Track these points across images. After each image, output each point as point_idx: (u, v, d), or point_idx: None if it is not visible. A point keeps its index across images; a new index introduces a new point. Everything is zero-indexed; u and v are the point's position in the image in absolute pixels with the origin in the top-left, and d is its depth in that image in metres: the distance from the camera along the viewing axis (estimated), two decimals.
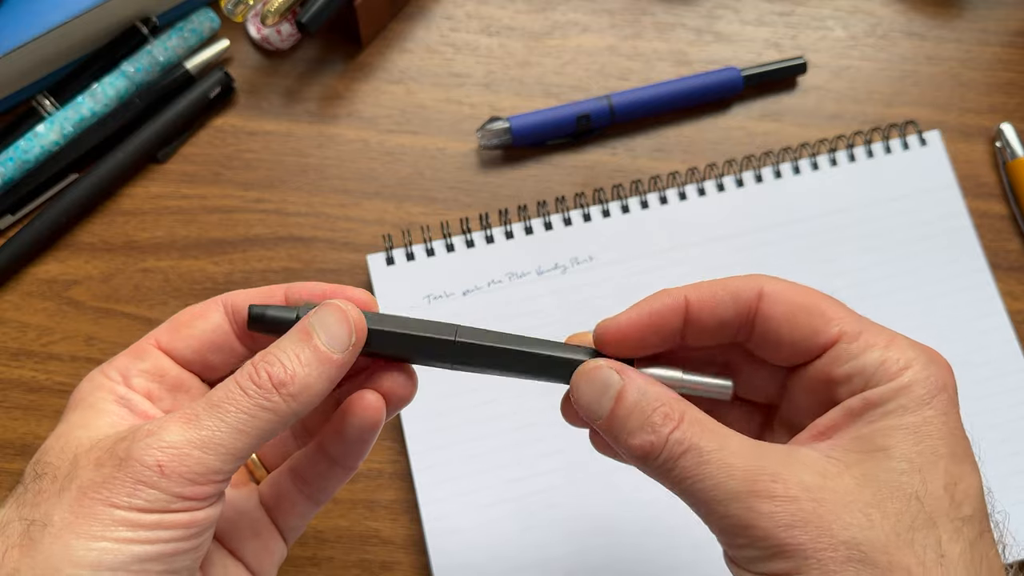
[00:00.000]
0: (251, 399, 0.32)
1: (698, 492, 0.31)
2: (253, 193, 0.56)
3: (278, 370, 0.32)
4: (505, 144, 0.57)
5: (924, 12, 0.61)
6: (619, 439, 0.33)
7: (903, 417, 0.31)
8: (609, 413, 0.33)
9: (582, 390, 0.34)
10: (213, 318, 0.36)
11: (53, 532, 0.30)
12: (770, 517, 0.30)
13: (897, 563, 0.29)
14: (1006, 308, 0.54)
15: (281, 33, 0.58)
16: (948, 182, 0.57)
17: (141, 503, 0.30)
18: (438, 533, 0.49)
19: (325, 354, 0.33)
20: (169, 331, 0.36)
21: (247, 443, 0.32)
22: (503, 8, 0.60)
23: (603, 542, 0.49)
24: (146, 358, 0.36)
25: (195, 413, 0.31)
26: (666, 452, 0.32)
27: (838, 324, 0.33)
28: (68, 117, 0.55)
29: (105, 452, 0.31)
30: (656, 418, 0.32)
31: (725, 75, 0.58)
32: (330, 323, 0.33)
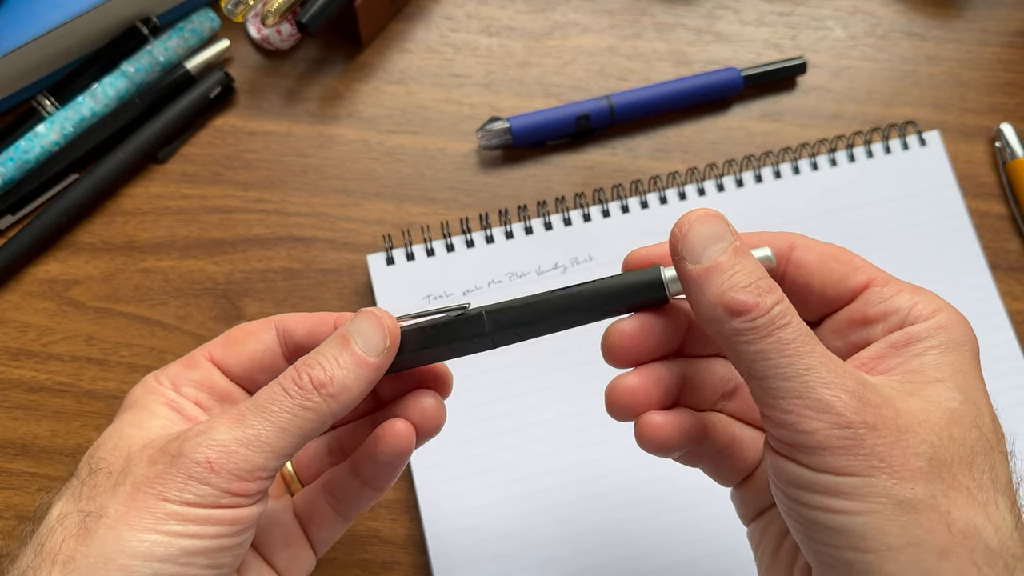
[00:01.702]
0: (293, 400, 0.33)
1: (785, 366, 0.31)
2: (253, 193, 0.56)
3: (318, 372, 0.34)
4: (505, 144, 0.57)
5: (924, 12, 0.61)
6: (713, 289, 0.32)
7: (947, 354, 0.32)
8: (715, 261, 0.32)
9: (696, 228, 0.32)
10: (264, 339, 0.38)
11: (108, 523, 0.31)
12: (855, 410, 0.30)
13: (959, 482, 0.30)
14: (1006, 308, 0.54)
15: (281, 33, 0.58)
16: (948, 182, 0.57)
17: (191, 498, 0.32)
18: (438, 533, 0.49)
19: (362, 358, 0.35)
20: (223, 346, 0.38)
21: (290, 442, 0.33)
22: (503, 8, 0.60)
23: (603, 542, 0.49)
24: (198, 368, 0.38)
25: (241, 414, 0.33)
26: (768, 317, 0.31)
27: (867, 272, 0.35)
28: (68, 117, 0.55)
29: (158, 450, 0.33)
30: (763, 284, 0.32)
31: (725, 75, 0.58)
32: (365, 328, 0.35)
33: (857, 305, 0.35)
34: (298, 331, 0.38)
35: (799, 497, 0.31)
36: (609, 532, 0.49)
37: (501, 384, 0.52)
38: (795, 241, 0.36)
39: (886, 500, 0.29)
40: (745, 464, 0.38)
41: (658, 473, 0.49)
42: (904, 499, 0.29)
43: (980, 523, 0.30)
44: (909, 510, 0.29)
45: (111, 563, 0.31)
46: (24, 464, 0.51)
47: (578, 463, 0.50)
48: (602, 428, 0.51)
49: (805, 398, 0.30)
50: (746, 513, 0.39)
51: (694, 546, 0.49)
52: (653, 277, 0.35)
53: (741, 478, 0.39)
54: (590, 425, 0.51)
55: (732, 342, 0.32)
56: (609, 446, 0.50)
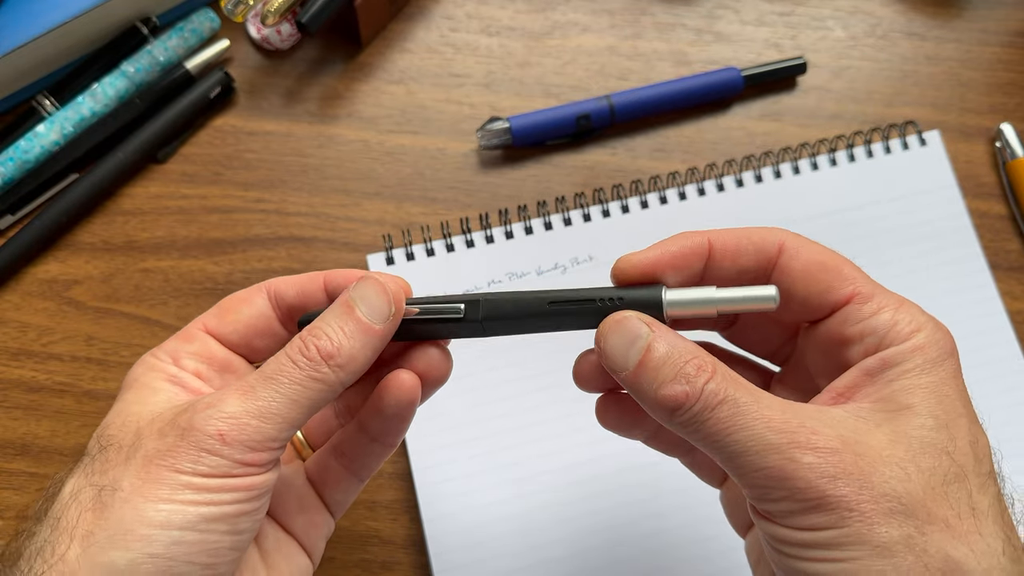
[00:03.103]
0: (302, 371, 0.33)
1: (733, 444, 0.31)
2: (253, 193, 0.56)
3: (325, 343, 0.34)
4: (505, 144, 0.57)
5: (924, 12, 0.61)
6: (647, 391, 0.32)
7: (922, 376, 0.32)
8: (637, 364, 0.32)
9: (609, 340, 0.33)
10: (257, 304, 0.38)
11: (123, 496, 0.31)
12: (812, 468, 0.30)
13: (935, 515, 0.30)
14: (1006, 308, 0.54)
15: (281, 33, 0.58)
16: (948, 182, 0.57)
17: (204, 468, 0.32)
18: (438, 533, 0.49)
19: (367, 325, 0.35)
20: (216, 316, 0.38)
21: (300, 412, 0.33)
22: (503, 8, 0.60)
23: (603, 542, 0.49)
24: (194, 341, 0.38)
25: (251, 385, 0.33)
26: (700, 403, 0.31)
27: (852, 284, 0.34)
28: (68, 117, 0.55)
29: (167, 423, 0.33)
30: (689, 369, 0.31)
31: (725, 75, 0.58)
32: (370, 296, 0.35)
33: (836, 321, 0.34)
34: (288, 292, 0.38)
35: (783, 550, 0.31)
36: (609, 532, 0.49)
37: (501, 384, 0.52)
38: (785, 242, 0.35)
39: (863, 547, 0.29)
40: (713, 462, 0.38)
41: (659, 473, 0.49)
42: (880, 543, 0.29)
43: (960, 556, 0.29)
44: (885, 554, 0.29)
45: (130, 534, 0.31)
46: (24, 464, 0.51)
47: (578, 463, 0.50)
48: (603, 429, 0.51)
49: (761, 470, 0.30)
50: (737, 522, 0.39)
51: (694, 546, 0.49)
52: (654, 298, 0.34)
53: (721, 475, 0.39)
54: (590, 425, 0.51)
55: (684, 433, 0.32)
56: (609, 446, 0.50)
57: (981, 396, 0.52)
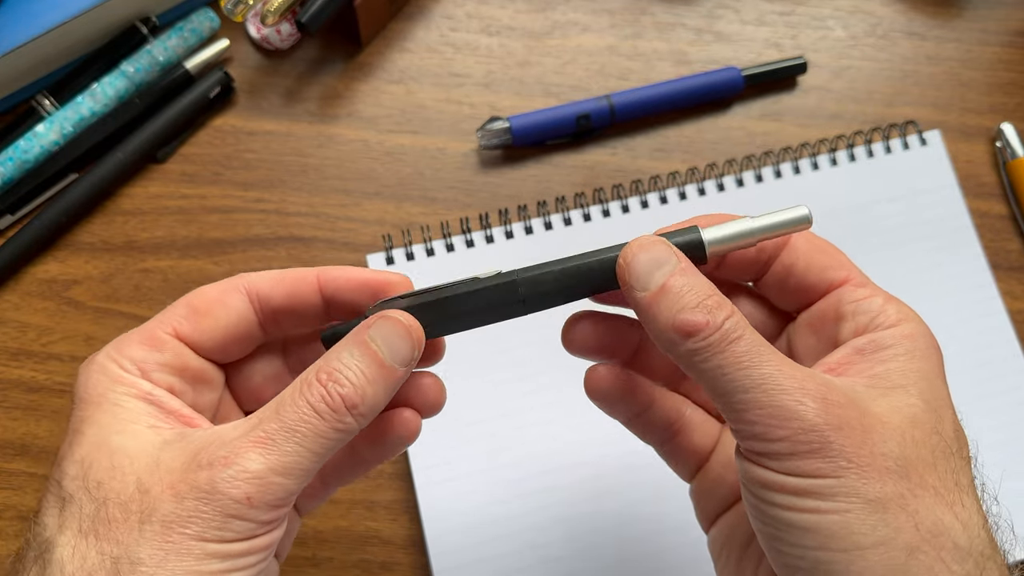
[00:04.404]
0: (326, 423, 0.32)
1: (745, 378, 0.31)
2: (253, 193, 0.56)
3: (349, 391, 0.32)
4: (505, 144, 0.57)
5: (924, 12, 0.61)
6: (664, 314, 0.32)
7: (912, 362, 0.33)
8: (660, 287, 0.32)
9: (638, 257, 0.33)
10: (236, 307, 0.35)
11: (146, 571, 0.29)
12: (818, 413, 0.30)
13: (926, 482, 0.30)
14: (1006, 308, 0.54)
15: (281, 33, 0.58)
16: (948, 182, 0.57)
17: (231, 535, 0.30)
18: (438, 533, 0.49)
19: (391, 369, 0.33)
20: (189, 320, 0.35)
21: (319, 463, 0.32)
22: (503, 8, 0.60)
23: (604, 542, 0.49)
24: (164, 349, 0.35)
25: (270, 437, 0.31)
26: (720, 334, 0.31)
27: (847, 270, 0.35)
28: (68, 117, 0.55)
29: (181, 480, 0.30)
30: (711, 303, 0.32)
31: (725, 75, 0.58)
32: (392, 338, 0.33)
33: (831, 300, 0.35)
34: (274, 295, 0.36)
35: (770, 499, 0.31)
36: (610, 532, 0.49)
37: (501, 384, 0.52)
38: None
39: (856, 499, 0.30)
40: (694, 448, 0.39)
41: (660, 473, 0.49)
42: (874, 498, 0.30)
43: (948, 521, 0.30)
44: (878, 508, 0.29)
45: None
46: (24, 464, 0.51)
47: (578, 463, 0.50)
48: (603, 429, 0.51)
49: (768, 407, 0.30)
50: (704, 514, 0.39)
51: (694, 546, 0.49)
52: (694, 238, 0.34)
53: (695, 466, 0.39)
54: (590, 425, 0.51)
55: (690, 363, 0.32)
56: (610, 447, 0.50)
57: (981, 396, 0.52)
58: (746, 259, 0.36)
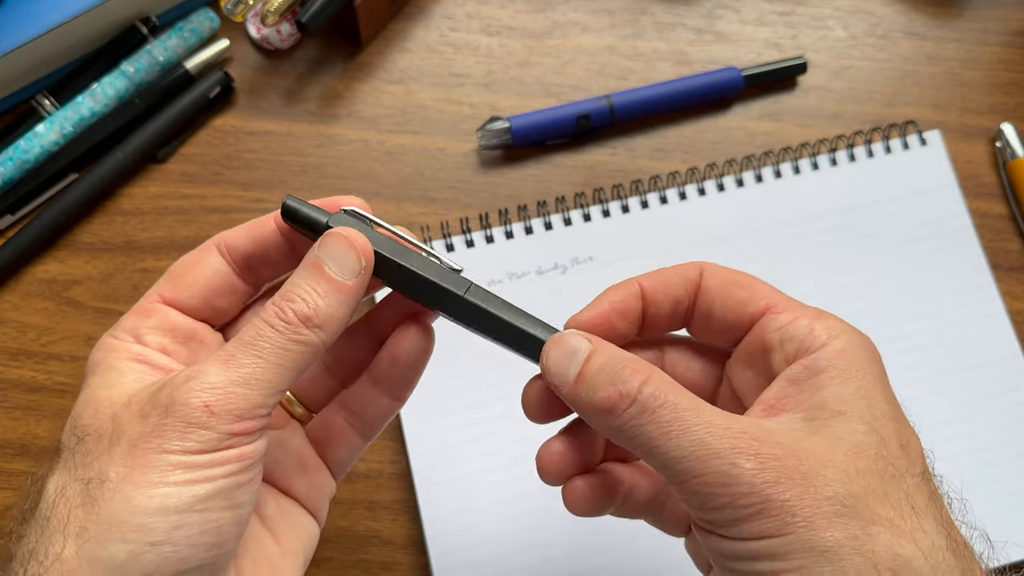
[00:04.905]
0: (282, 335, 0.33)
1: (674, 449, 0.30)
2: (253, 193, 0.56)
3: (300, 306, 0.33)
4: (505, 144, 0.57)
5: (924, 12, 0.61)
6: (584, 398, 0.32)
7: (848, 383, 0.32)
8: (576, 376, 0.33)
9: (551, 356, 0.34)
10: (211, 263, 0.37)
11: (112, 487, 0.30)
12: (755, 473, 0.29)
13: (879, 515, 0.30)
14: (1006, 308, 0.54)
15: (281, 33, 0.58)
16: (948, 182, 0.57)
17: (193, 445, 0.31)
18: (438, 533, 0.49)
19: (340, 283, 0.34)
20: (169, 284, 0.37)
21: (285, 376, 0.33)
22: (503, 8, 0.60)
23: (604, 542, 0.49)
24: (153, 315, 0.36)
25: (230, 354, 0.32)
26: (638, 405, 0.31)
27: (766, 299, 0.35)
28: (68, 117, 0.55)
29: (146, 403, 0.32)
30: (626, 373, 0.32)
31: (725, 75, 0.58)
32: (337, 253, 0.34)
33: (756, 332, 0.35)
34: (240, 242, 0.37)
35: (729, 566, 0.31)
36: (610, 532, 0.49)
37: (501, 384, 0.52)
38: (704, 267, 0.36)
39: (809, 553, 0.29)
40: (680, 513, 0.39)
41: None
42: (825, 548, 0.29)
43: (908, 553, 0.29)
44: (833, 558, 0.29)
45: (125, 525, 0.30)
46: (24, 464, 0.51)
47: None
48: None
49: (703, 475, 0.30)
50: (702, 566, 0.39)
51: None
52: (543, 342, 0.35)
53: (685, 527, 0.39)
54: None
55: (623, 439, 0.32)
56: None
57: (981, 396, 0.52)
58: (662, 315, 0.36)
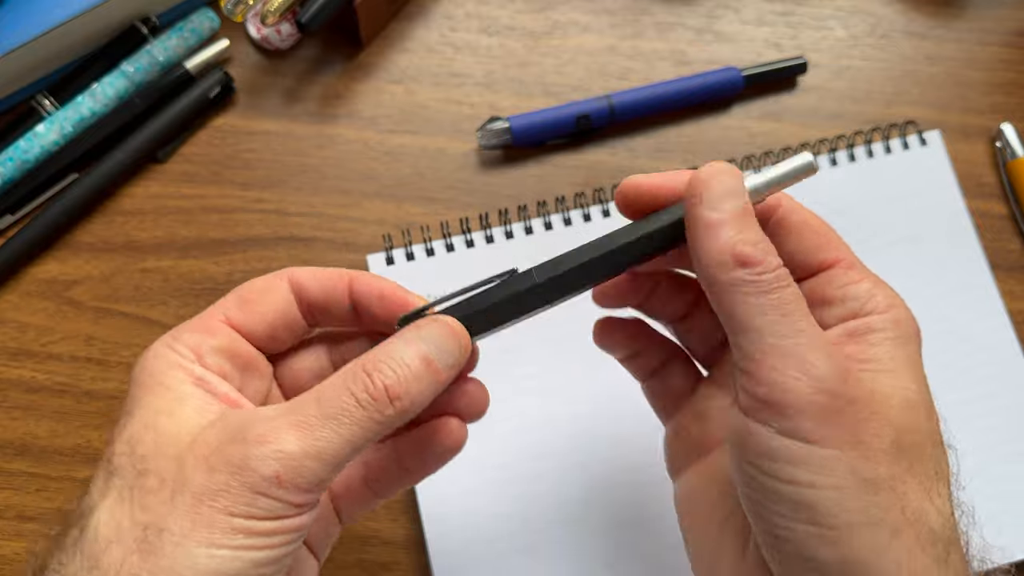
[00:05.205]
0: (365, 411, 0.32)
1: (781, 324, 0.31)
2: (253, 193, 0.56)
3: (393, 381, 0.32)
4: (505, 144, 0.57)
5: (924, 12, 0.61)
6: (725, 238, 0.32)
7: (902, 347, 0.33)
8: (731, 212, 0.33)
9: (718, 179, 0.33)
10: (282, 294, 0.36)
11: (173, 540, 0.30)
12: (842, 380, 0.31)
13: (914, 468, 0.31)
14: (1006, 308, 0.54)
15: (281, 33, 0.58)
16: (948, 182, 0.57)
17: (259, 512, 0.30)
18: (438, 533, 0.49)
19: (436, 368, 0.33)
20: (239, 307, 0.36)
21: (353, 453, 0.32)
22: (503, 8, 0.60)
23: (605, 543, 0.49)
24: (217, 335, 0.35)
25: (308, 422, 0.31)
26: (773, 275, 0.32)
27: (838, 251, 0.35)
28: (68, 117, 0.55)
29: (214, 453, 0.31)
30: (769, 247, 0.32)
31: (725, 75, 0.58)
32: (439, 338, 0.34)
33: (819, 282, 0.35)
34: (312, 287, 0.37)
35: (762, 466, 0.31)
36: (611, 533, 0.49)
37: (500, 383, 0.52)
38: (783, 200, 0.36)
39: (852, 477, 0.30)
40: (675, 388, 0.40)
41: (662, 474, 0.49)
42: (869, 477, 0.30)
43: (927, 507, 0.31)
44: (872, 489, 0.30)
45: None
46: (24, 464, 0.51)
47: (579, 464, 0.50)
48: (603, 428, 0.51)
49: (793, 357, 0.31)
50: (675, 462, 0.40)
51: None
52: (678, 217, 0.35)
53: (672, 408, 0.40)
54: (591, 426, 0.51)
55: (732, 291, 0.32)
56: (612, 450, 0.50)
57: (981, 396, 0.52)
58: None
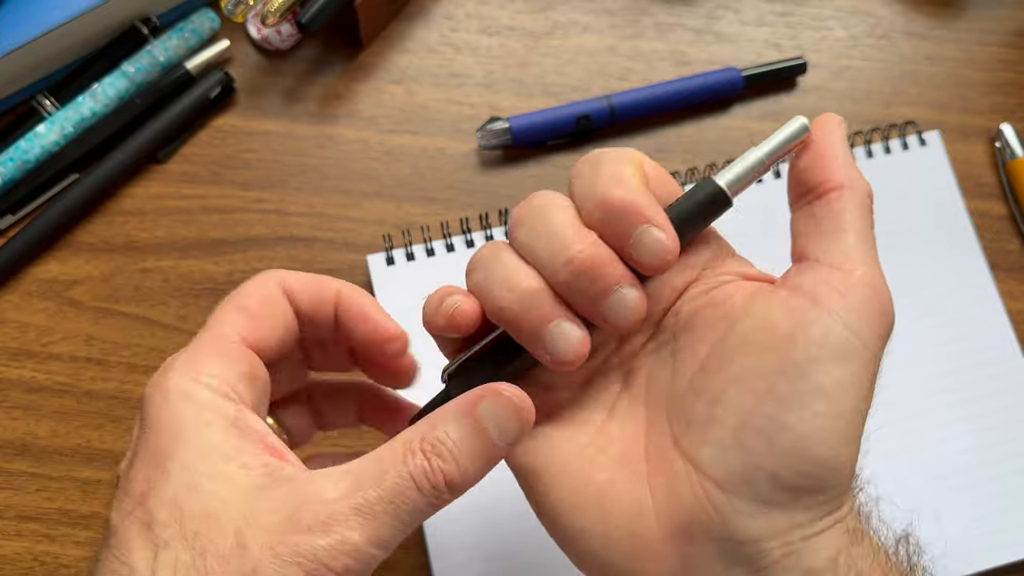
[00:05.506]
0: (425, 498, 0.31)
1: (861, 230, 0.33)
2: (253, 193, 0.56)
3: (451, 469, 0.31)
4: (505, 144, 0.57)
5: (924, 12, 0.61)
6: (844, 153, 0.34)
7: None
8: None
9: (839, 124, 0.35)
10: (284, 305, 0.35)
11: None
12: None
13: None
14: (1006, 308, 0.54)
15: (281, 33, 0.58)
16: (948, 182, 0.57)
17: None
18: (438, 533, 0.49)
19: (496, 448, 0.32)
20: (251, 323, 0.34)
21: (408, 533, 0.31)
22: (503, 8, 0.60)
23: None
24: (241, 361, 0.33)
25: (371, 507, 0.30)
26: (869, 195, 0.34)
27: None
28: (68, 117, 0.55)
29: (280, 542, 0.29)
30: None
31: (725, 75, 0.58)
32: (503, 416, 0.32)
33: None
34: (302, 297, 0.36)
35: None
36: None
37: None
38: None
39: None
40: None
41: None
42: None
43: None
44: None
45: None
46: (24, 464, 0.51)
47: None
48: None
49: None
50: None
51: None
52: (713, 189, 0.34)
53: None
54: None
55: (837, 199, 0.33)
56: None
57: (981, 396, 0.52)
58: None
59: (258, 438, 0.32)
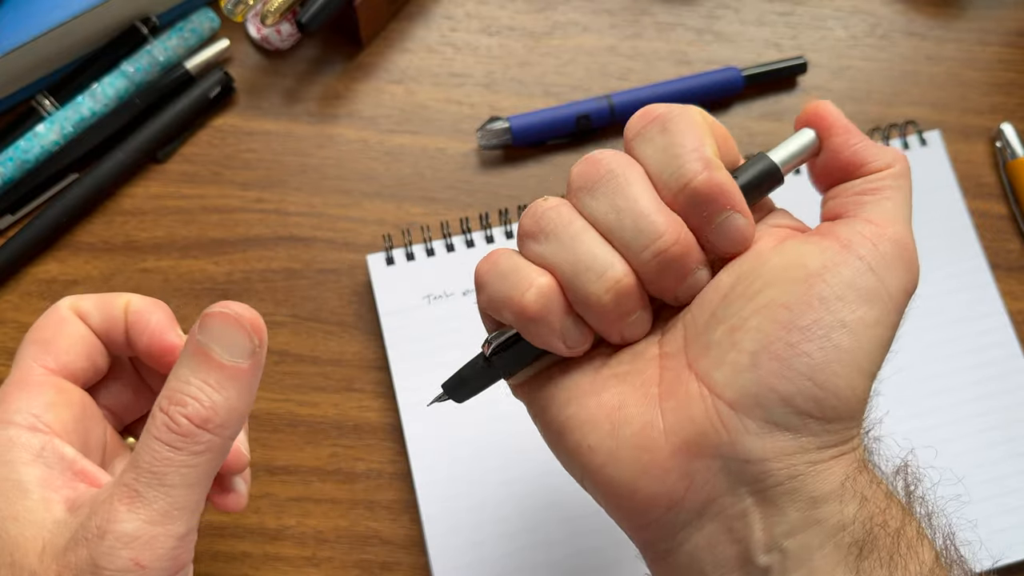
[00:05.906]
0: (181, 451, 0.29)
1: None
2: (253, 193, 0.56)
3: (194, 408, 0.29)
4: (505, 144, 0.57)
5: (924, 12, 0.61)
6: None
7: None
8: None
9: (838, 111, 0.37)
10: (75, 324, 0.35)
11: None
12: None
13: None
14: (1006, 308, 0.54)
15: (281, 33, 0.58)
16: (948, 182, 0.57)
17: None
18: (438, 533, 0.49)
19: (232, 368, 0.30)
20: (46, 351, 0.34)
21: (201, 491, 0.30)
22: (503, 8, 0.60)
23: (606, 543, 0.49)
24: (45, 390, 0.33)
25: (134, 491, 0.29)
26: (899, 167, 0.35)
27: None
28: (68, 117, 0.55)
29: (64, 566, 0.28)
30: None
31: (725, 75, 0.58)
32: (224, 334, 0.30)
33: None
34: (94, 319, 0.35)
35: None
36: (611, 532, 0.49)
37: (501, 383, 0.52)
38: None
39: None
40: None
41: None
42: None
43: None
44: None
45: None
46: None
47: None
48: None
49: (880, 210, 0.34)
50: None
51: None
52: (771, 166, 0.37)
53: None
54: None
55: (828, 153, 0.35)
56: None
57: (981, 396, 0.52)
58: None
59: (65, 466, 0.31)
